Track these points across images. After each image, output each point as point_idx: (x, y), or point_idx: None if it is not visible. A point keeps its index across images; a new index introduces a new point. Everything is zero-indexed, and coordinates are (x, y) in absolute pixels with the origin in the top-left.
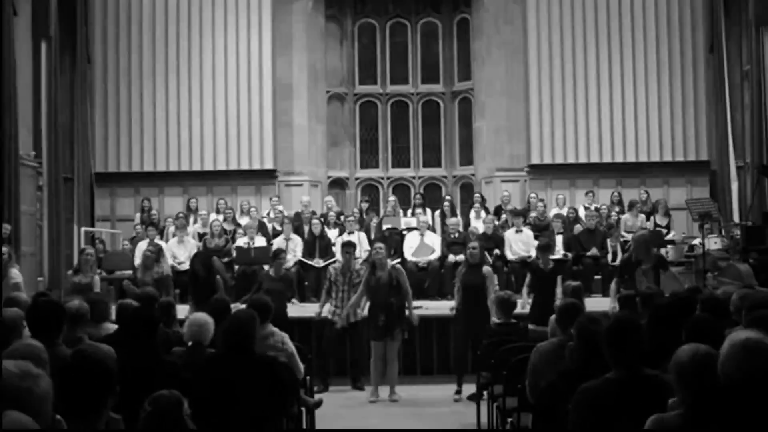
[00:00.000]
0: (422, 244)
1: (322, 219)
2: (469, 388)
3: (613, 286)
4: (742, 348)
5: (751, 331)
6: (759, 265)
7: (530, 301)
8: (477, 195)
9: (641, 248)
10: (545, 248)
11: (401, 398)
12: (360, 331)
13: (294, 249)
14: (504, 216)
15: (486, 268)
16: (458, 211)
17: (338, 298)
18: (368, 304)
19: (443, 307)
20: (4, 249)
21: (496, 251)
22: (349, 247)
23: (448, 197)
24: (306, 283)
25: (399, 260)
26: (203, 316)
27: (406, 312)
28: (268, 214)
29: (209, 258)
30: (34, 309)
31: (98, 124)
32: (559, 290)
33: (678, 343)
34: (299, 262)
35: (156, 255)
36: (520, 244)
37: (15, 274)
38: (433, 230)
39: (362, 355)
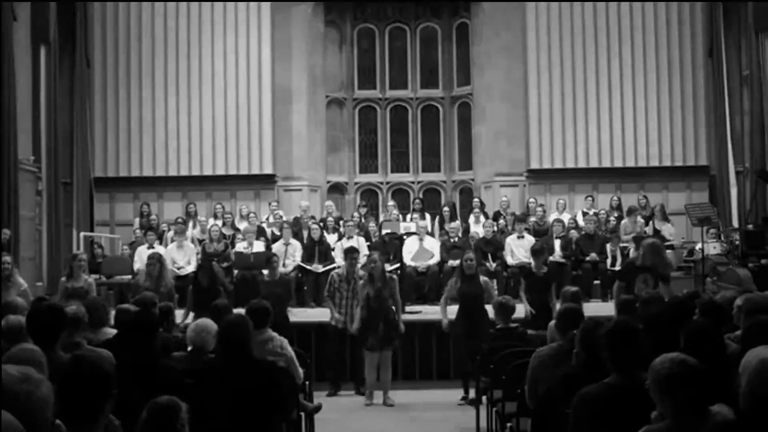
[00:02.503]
0: (421, 248)
1: (322, 224)
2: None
3: (616, 289)
4: None
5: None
6: (758, 270)
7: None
8: (476, 200)
9: (653, 255)
10: (538, 253)
11: (396, 402)
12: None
13: (293, 254)
14: (502, 221)
15: (483, 278)
16: (458, 216)
17: (341, 305)
18: (360, 313)
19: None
20: (7, 258)
21: (489, 263)
22: (352, 252)
23: (451, 203)
24: (305, 288)
25: (398, 265)
26: (207, 322)
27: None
28: (267, 219)
29: (212, 268)
30: (33, 314)
31: (97, 129)
32: (553, 295)
33: (677, 348)
34: (298, 267)
35: (160, 267)
36: (521, 249)
37: (22, 281)
38: (432, 235)
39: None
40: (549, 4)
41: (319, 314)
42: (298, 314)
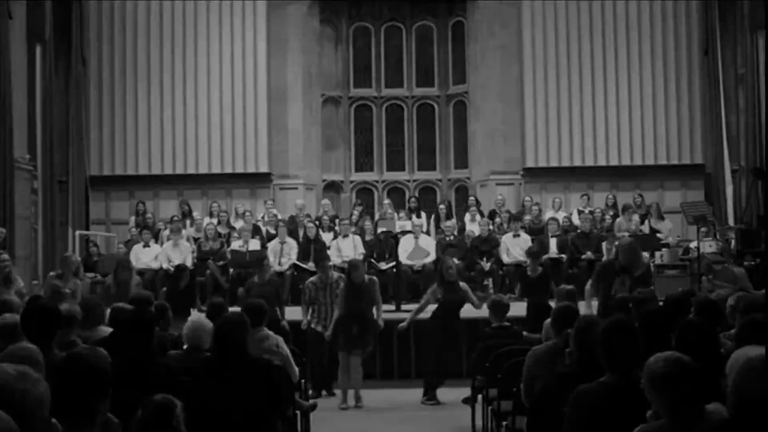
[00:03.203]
0: (417, 247)
1: (317, 222)
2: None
3: (588, 288)
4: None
5: (755, 347)
6: (754, 269)
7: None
8: (472, 198)
9: (630, 255)
10: (534, 255)
11: (365, 405)
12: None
13: (289, 252)
14: (498, 219)
15: (462, 284)
16: (453, 214)
17: (321, 311)
18: (336, 314)
19: None
20: (5, 256)
21: (484, 262)
22: (323, 261)
23: (446, 201)
24: (300, 287)
25: (394, 263)
26: (203, 320)
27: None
28: (263, 217)
29: (192, 273)
30: (28, 313)
31: (93, 127)
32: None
33: (671, 346)
34: (294, 266)
35: (128, 273)
36: (517, 248)
37: (19, 278)
38: (428, 233)
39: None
40: (544, 2)
41: None
42: (296, 313)
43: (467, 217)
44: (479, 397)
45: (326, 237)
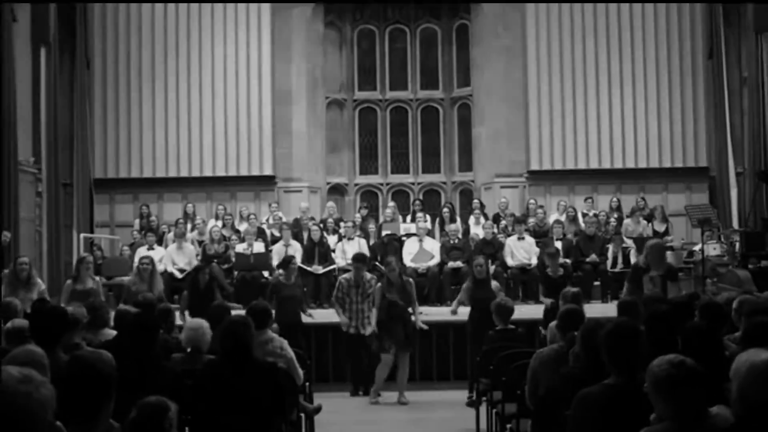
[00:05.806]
0: (421, 250)
1: (321, 225)
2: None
3: (624, 292)
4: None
5: (761, 350)
6: (758, 271)
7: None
8: (476, 201)
9: (654, 255)
10: (554, 255)
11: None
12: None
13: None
14: (503, 222)
15: (494, 283)
16: (458, 217)
17: (351, 310)
18: (375, 317)
19: (442, 312)
20: (25, 259)
21: (490, 262)
22: (357, 262)
23: (449, 204)
24: (305, 289)
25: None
26: (199, 322)
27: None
28: (267, 220)
29: (211, 270)
30: (35, 316)
31: (97, 130)
32: None
33: (676, 349)
34: (298, 269)
35: (152, 267)
36: (521, 251)
37: (40, 281)
38: (432, 236)
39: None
40: (548, 5)
41: (320, 315)
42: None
43: (471, 219)
44: (483, 399)
45: (331, 240)
